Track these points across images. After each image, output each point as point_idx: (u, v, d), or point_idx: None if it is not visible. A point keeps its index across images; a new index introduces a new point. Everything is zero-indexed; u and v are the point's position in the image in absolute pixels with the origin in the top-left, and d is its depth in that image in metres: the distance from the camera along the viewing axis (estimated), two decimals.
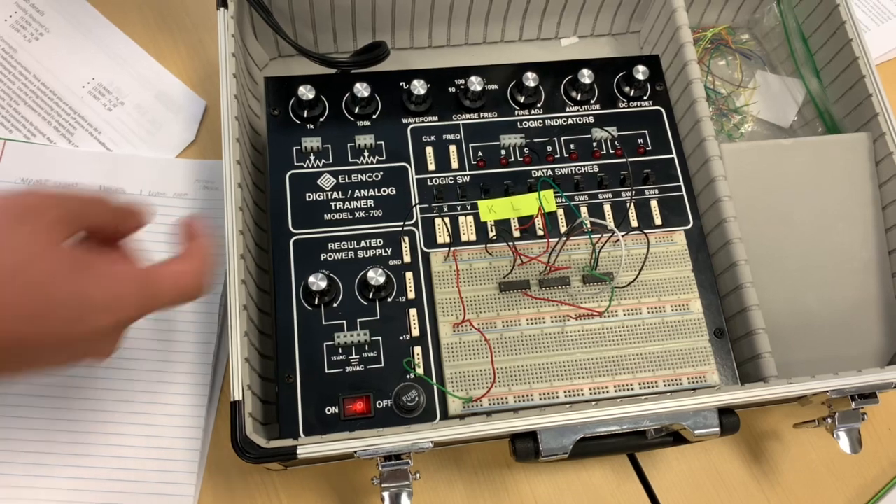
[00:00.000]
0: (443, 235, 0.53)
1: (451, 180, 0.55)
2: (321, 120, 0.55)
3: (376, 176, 0.55)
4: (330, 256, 0.52)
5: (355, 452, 0.44)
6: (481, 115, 0.57)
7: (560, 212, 0.55)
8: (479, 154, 0.56)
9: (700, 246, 0.55)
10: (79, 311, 0.38)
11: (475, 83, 0.56)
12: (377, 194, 0.54)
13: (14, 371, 0.40)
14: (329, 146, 0.55)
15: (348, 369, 0.49)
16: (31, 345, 0.37)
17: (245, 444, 0.44)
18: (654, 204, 0.56)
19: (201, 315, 0.56)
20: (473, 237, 0.53)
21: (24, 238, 0.37)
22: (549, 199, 0.55)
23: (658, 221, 0.55)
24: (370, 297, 0.51)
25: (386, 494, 0.45)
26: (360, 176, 0.54)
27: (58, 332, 0.37)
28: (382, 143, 0.56)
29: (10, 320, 0.36)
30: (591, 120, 0.58)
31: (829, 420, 0.51)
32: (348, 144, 0.55)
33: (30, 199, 0.38)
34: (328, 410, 0.48)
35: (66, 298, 0.37)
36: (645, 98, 0.59)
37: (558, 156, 0.57)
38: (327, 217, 0.53)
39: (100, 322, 0.38)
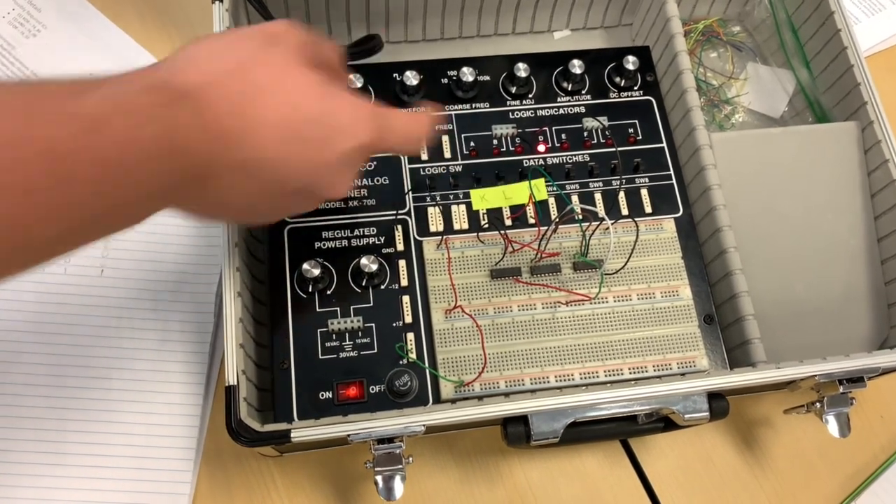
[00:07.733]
0: (435, 224, 0.54)
1: (443, 170, 0.56)
2: None
3: (369, 165, 0.55)
4: (324, 245, 0.52)
5: (348, 436, 0.44)
6: (473, 105, 0.58)
7: (551, 200, 0.55)
8: (472, 144, 0.56)
9: (690, 234, 0.55)
10: (327, 131, 0.39)
11: (467, 74, 0.57)
12: (370, 183, 0.55)
13: (266, 211, 0.42)
14: None
15: (342, 355, 0.50)
16: (288, 169, 0.39)
17: (239, 427, 0.44)
18: (644, 192, 0.56)
19: (198, 306, 0.57)
20: (466, 225, 0.54)
21: (277, 57, 0.38)
22: (540, 188, 0.55)
23: (648, 209, 0.56)
24: (363, 284, 0.51)
25: (379, 478, 0.45)
26: None
27: (308, 156, 0.39)
28: None
29: (269, 139, 0.37)
30: (582, 110, 0.59)
31: (818, 405, 0.51)
32: None
33: (276, 27, 0.40)
34: (322, 396, 0.49)
35: (317, 116, 0.39)
36: (635, 88, 0.60)
37: (550, 145, 0.57)
38: (321, 206, 0.53)
39: (343, 145, 0.40)
